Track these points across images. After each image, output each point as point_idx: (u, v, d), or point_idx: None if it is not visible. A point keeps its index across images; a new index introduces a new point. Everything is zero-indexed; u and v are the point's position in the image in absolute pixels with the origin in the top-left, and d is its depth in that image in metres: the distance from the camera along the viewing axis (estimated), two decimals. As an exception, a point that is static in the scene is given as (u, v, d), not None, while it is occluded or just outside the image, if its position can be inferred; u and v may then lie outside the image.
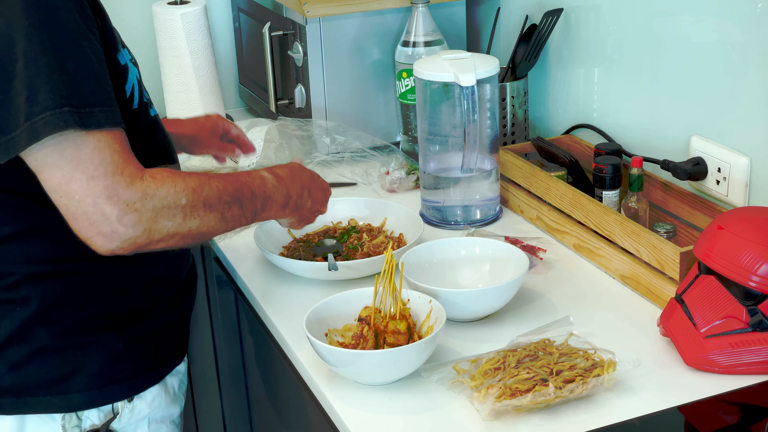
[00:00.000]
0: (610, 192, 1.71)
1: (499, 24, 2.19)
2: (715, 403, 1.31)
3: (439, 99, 1.79)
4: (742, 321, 1.33)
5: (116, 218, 1.25)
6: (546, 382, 1.28)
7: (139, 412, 1.47)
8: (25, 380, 1.40)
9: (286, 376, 1.59)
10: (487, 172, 1.81)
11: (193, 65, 2.31)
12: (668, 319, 1.40)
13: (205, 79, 2.33)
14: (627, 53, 1.84)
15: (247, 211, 1.41)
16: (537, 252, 1.68)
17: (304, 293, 1.62)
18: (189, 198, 1.31)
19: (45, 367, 1.40)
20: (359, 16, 2.10)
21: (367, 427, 1.29)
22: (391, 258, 1.41)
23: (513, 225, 1.83)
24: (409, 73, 2.03)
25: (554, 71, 2.06)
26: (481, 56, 1.80)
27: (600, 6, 1.89)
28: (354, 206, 1.84)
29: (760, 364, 1.33)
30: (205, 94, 2.31)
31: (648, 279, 1.54)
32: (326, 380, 1.39)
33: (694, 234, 1.65)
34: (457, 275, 1.60)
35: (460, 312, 1.47)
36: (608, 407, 1.29)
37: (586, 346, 1.37)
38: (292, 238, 1.78)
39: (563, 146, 1.93)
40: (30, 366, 1.40)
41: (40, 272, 1.39)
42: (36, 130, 1.22)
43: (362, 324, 1.40)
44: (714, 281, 1.36)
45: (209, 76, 2.33)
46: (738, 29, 1.57)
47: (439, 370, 1.36)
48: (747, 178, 1.59)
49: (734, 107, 1.61)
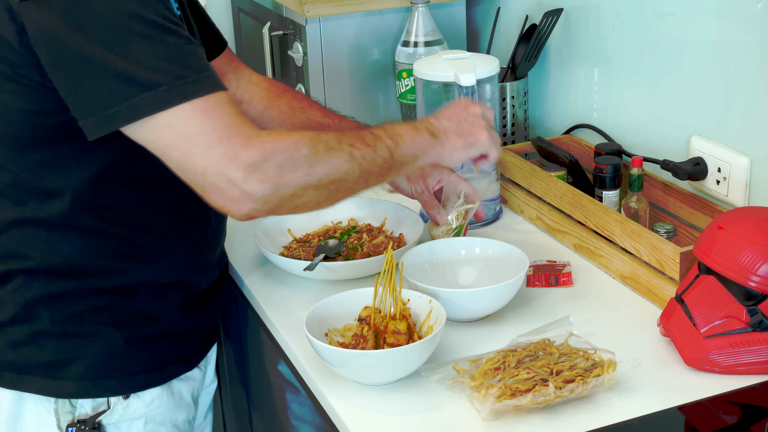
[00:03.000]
0: (610, 192, 1.71)
1: (499, 24, 2.19)
2: (715, 403, 1.31)
3: (439, 99, 1.79)
4: (742, 321, 1.33)
5: (242, 180, 1.23)
6: (546, 382, 1.28)
7: (135, 411, 1.47)
8: (25, 359, 1.42)
9: (286, 375, 1.59)
10: (487, 172, 1.81)
11: (193, 65, 2.30)
12: (668, 319, 1.40)
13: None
14: (627, 53, 1.84)
15: (378, 148, 1.36)
16: (561, 270, 1.64)
17: (304, 293, 1.62)
18: (309, 146, 1.28)
19: (44, 350, 1.42)
20: (359, 16, 2.10)
21: (367, 427, 1.29)
22: (391, 258, 1.41)
23: (513, 225, 1.83)
24: (409, 73, 2.03)
25: (554, 71, 2.06)
26: (481, 56, 1.80)
27: (600, 6, 1.89)
28: (354, 206, 1.84)
29: (760, 364, 1.33)
30: (205, 94, 2.31)
31: (648, 279, 1.54)
32: (326, 380, 1.39)
33: (694, 234, 1.65)
34: (457, 275, 1.60)
35: (460, 312, 1.47)
36: (608, 407, 1.29)
37: (586, 346, 1.37)
38: (292, 238, 1.78)
39: (563, 146, 1.93)
40: (30, 346, 1.42)
41: (55, 263, 1.40)
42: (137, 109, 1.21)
43: (362, 324, 1.40)
44: (714, 281, 1.36)
45: (209, 76, 2.33)
46: (738, 29, 1.57)
47: (439, 370, 1.36)
48: (747, 178, 1.59)
49: (734, 107, 1.61)
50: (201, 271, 1.54)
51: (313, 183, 1.28)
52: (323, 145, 1.30)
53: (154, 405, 1.50)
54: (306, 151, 1.28)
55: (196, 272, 1.53)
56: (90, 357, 1.43)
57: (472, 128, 1.49)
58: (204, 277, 1.55)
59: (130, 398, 1.46)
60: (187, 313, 1.51)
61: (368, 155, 1.34)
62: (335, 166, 1.30)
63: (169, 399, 1.52)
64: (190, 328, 1.54)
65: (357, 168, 1.33)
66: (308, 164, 1.28)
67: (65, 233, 1.39)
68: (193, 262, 1.51)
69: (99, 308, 1.42)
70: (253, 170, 1.23)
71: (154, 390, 1.49)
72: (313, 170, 1.28)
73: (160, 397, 1.50)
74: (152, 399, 1.49)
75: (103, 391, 1.44)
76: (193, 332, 1.55)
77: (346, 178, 1.32)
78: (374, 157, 1.35)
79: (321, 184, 1.29)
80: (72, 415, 1.44)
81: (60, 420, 1.44)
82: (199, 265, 1.53)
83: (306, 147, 1.28)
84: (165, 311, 1.48)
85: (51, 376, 1.42)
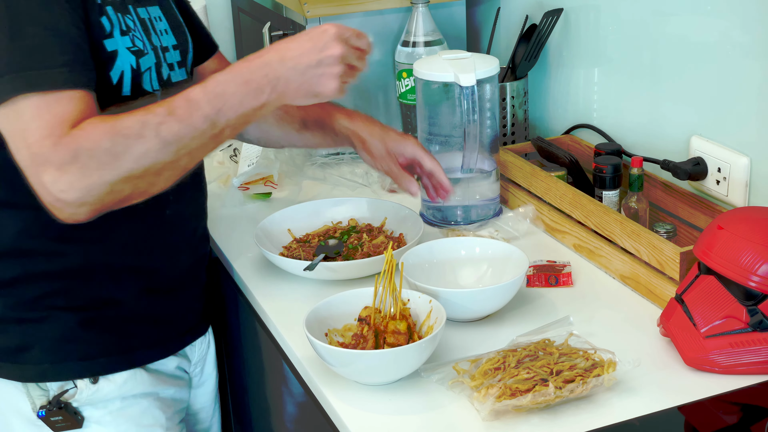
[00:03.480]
0: (610, 192, 1.71)
1: (499, 24, 2.19)
2: (715, 403, 1.31)
3: (439, 99, 1.79)
4: (742, 321, 1.33)
5: (51, 184, 1.19)
6: (546, 382, 1.28)
7: (107, 393, 1.49)
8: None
9: (286, 375, 1.59)
10: (487, 172, 1.81)
11: (193, 65, 2.31)
12: (668, 319, 1.40)
13: (205, 79, 2.33)
14: (627, 53, 1.84)
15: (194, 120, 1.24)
16: (561, 271, 1.64)
17: (304, 293, 1.62)
18: (108, 138, 1.20)
19: (7, 336, 1.46)
20: (359, 16, 2.10)
21: (367, 427, 1.29)
22: (391, 258, 1.41)
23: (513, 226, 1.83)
24: (409, 73, 2.03)
25: (554, 71, 2.06)
26: (481, 56, 1.80)
27: (600, 6, 1.89)
28: (354, 206, 1.84)
29: (760, 364, 1.33)
30: (205, 94, 2.31)
31: (648, 279, 1.54)
32: (326, 380, 1.39)
33: (694, 234, 1.65)
34: (457, 275, 1.60)
35: (460, 312, 1.47)
36: (608, 407, 1.29)
37: (586, 346, 1.37)
38: (292, 238, 1.78)
39: (563, 146, 1.93)
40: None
41: (7, 248, 1.41)
42: None
43: (362, 324, 1.40)
44: (714, 281, 1.36)
45: (209, 76, 2.33)
46: (738, 29, 1.57)
47: (439, 370, 1.36)
48: (747, 178, 1.59)
49: (734, 107, 1.61)
50: (161, 256, 1.51)
51: (123, 176, 1.21)
52: (122, 136, 1.21)
53: (129, 386, 1.50)
54: (107, 145, 1.20)
55: (155, 256, 1.50)
56: (46, 341, 1.45)
57: (319, 78, 1.31)
58: (167, 263, 1.53)
59: (99, 381, 1.48)
60: (150, 299, 1.51)
61: (182, 131, 1.23)
62: (141, 153, 1.21)
63: (150, 378, 1.53)
64: (159, 315, 1.53)
65: (170, 149, 1.23)
66: (112, 159, 1.20)
67: (5, 213, 1.40)
68: (148, 245, 1.49)
69: (52, 293, 1.44)
70: (61, 174, 1.19)
71: (125, 373, 1.50)
72: (118, 164, 1.20)
73: (133, 378, 1.51)
74: (125, 381, 1.50)
75: (63, 374, 1.46)
76: (163, 319, 1.54)
77: (160, 160, 1.23)
78: (190, 131, 1.24)
79: (134, 175, 1.22)
80: (45, 397, 1.46)
81: (35, 403, 1.47)
82: (158, 248, 1.51)
83: (106, 140, 1.20)
84: (124, 296, 1.48)
85: (13, 361, 1.46)
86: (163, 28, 1.52)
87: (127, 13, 1.44)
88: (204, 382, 1.72)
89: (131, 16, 1.45)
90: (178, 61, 1.54)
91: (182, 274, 1.57)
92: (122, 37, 1.41)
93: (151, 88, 1.45)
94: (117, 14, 1.41)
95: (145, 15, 1.49)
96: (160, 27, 1.52)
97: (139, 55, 1.43)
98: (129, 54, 1.41)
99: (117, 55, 1.39)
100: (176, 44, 1.54)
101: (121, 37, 1.41)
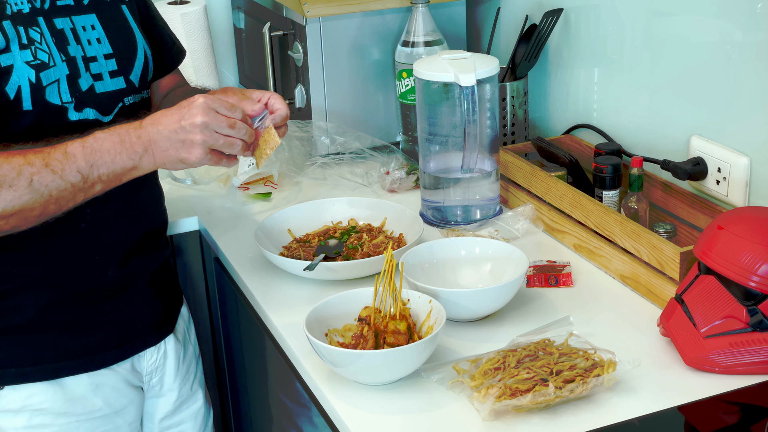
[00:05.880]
0: (610, 192, 1.71)
1: (499, 24, 2.19)
2: (715, 403, 1.31)
3: (439, 99, 1.79)
4: (742, 321, 1.33)
5: None
6: (546, 382, 1.28)
7: (8, 403, 1.49)
8: None
9: (286, 375, 1.59)
10: (487, 172, 1.81)
11: (193, 65, 2.31)
12: (668, 319, 1.40)
13: (205, 79, 2.33)
14: (627, 53, 1.85)
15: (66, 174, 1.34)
16: (561, 271, 1.63)
17: (304, 293, 1.62)
18: None
19: None
20: (359, 16, 2.10)
21: (367, 427, 1.29)
22: (391, 258, 1.41)
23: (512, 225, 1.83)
24: (409, 73, 2.03)
25: (554, 71, 2.06)
26: (481, 56, 1.80)
27: (600, 6, 1.89)
28: (354, 206, 1.84)
29: (760, 364, 1.33)
30: (205, 94, 2.31)
31: (648, 279, 1.54)
32: (326, 380, 1.39)
33: (694, 234, 1.65)
34: (457, 275, 1.60)
35: (460, 312, 1.47)
36: (608, 407, 1.29)
37: (586, 346, 1.37)
38: (292, 238, 1.78)
39: (563, 146, 1.93)
40: None
41: None
42: None
43: (362, 324, 1.40)
44: (714, 281, 1.36)
45: (209, 76, 2.33)
46: (738, 29, 1.57)
47: (439, 370, 1.36)
48: (747, 178, 1.60)
49: (734, 107, 1.61)
50: (72, 268, 1.51)
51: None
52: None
53: (37, 399, 1.49)
54: None
55: (65, 269, 1.50)
56: None
57: (182, 144, 1.37)
58: (79, 275, 1.51)
59: (4, 389, 1.48)
60: (64, 311, 1.50)
61: (53, 183, 1.33)
62: (11, 199, 1.31)
63: (64, 395, 1.51)
64: (82, 326, 1.52)
65: (39, 197, 1.33)
66: None
67: None
68: (57, 257, 1.48)
69: None
70: None
71: (37, 385, 1.49)
72: None
73: (44, 392, 1.50)
74: (31, 394, 1.49)
75: None
76: (85, 330, 1.52)
77: (28, 207, 1.33)
78: (61, 184, 1.34)
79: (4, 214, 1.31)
80: None
81: None
82: (70, 260, 1.50)
83: None
84: (31, 305, 1.47)
85: None
86: (93, 37, 1.50)
87: (34, 26, 1.43)
88: (167, 392, 1.70)
89: (38, 28, 1.43)
90: (112, 71, 1.51)
91: (105, 288, 1.54)
92: (21, 51, 1.40)
93: (60, 101, 1.44)
94: (17, 27, 1.40)
95: (63, 25, 1.47)
96: (89, 36, 1.49)
97: (41, 68, 1.42)
98: (27, 68, 1.40)
99: (12, 70, 1.39)
100: (110, 53, 1.51)
101: (20, 51, 1.40)
